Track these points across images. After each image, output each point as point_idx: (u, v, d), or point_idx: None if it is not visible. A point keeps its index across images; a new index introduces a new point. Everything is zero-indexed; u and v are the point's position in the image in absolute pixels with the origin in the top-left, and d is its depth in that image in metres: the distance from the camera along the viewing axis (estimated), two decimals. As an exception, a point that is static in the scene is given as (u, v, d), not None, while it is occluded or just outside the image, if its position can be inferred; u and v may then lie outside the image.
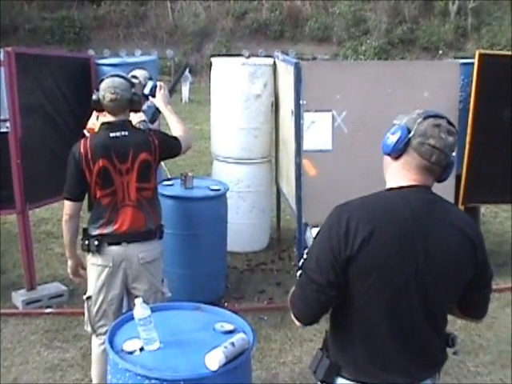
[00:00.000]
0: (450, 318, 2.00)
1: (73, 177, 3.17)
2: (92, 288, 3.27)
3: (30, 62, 4.63)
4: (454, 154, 1.89)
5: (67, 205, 3.22)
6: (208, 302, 2.78)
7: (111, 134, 3.17)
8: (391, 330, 1.85)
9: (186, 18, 25.22)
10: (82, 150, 3.13)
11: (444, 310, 1.94)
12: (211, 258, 4.70)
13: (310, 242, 2.05)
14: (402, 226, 1.82)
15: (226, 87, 5.71)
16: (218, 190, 4.81)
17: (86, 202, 3.28)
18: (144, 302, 2.39)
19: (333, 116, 4.51)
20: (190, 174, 4.91)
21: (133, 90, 3.26)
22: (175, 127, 3.51)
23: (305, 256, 1.94)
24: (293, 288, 1.97)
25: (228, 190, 4.95)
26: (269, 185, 6.02)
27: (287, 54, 9.57)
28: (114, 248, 3.21)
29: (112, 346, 2.32)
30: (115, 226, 3.19)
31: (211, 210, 4.70)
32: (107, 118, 3.26)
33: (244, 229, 5.74)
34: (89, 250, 3.23)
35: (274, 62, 5.60)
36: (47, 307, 4.64)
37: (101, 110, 3.29)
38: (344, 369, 1.93)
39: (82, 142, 3.19)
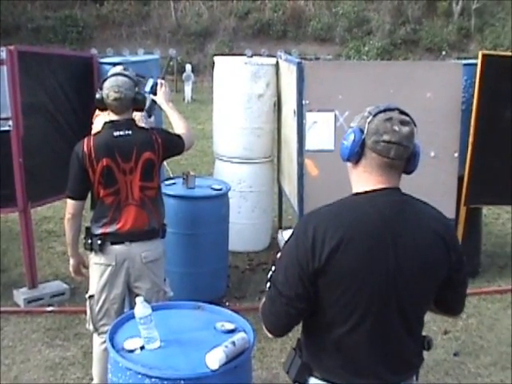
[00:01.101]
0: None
1: (76, 176, 3.17)
2: (94, 287, 3.27)
3: (32, 61, 4.62)
4: (416, 141, 1.83)
5: (70, 203, 3.22)
6: (209, 302, 2.78)
7: (115, 133, 3.18)
8: (365, 335, 1.81)
9: (188, 18, 25.19)
10: (85, 149, 3.14)
11: (419, 311, 1.90)
12: (213, 257, 4.70)
13: (281, 244, 2.03)
14: (371, 230, 1.78)
15: (228, 87, 5.71)
16: (220, 189, 4.81)
17: (88, 201, 3.29)
18: (146, 300, 2.39)
19: (335, 116, 4.51)
20: (191, 173, 4.90)
21: (136, 89, 3.27)
22: (177, 125, 3.51)
23: (273, 268, 1.90)
24: (263, 299, 1.93)
25: (230, 189, 4.94)
26: (271, 184, 6.01)
27: (290, 54, 9.55)
28: (116, 247, 3.21)
29: (113, 345, 2.32)
30: (118, 225, 3.20)
31: (213, 209, 4.70)
32: (111, 116, 3.26)
33: (245, 228, 5.74)
34: (91, 249, 3.24)
35: (277, 61, 5.60)
36: (49, 305, 4.65)
37: (104, 108, 3.29)
38: (315, 371, 1.90)
39: (86, 140, 3.19)
